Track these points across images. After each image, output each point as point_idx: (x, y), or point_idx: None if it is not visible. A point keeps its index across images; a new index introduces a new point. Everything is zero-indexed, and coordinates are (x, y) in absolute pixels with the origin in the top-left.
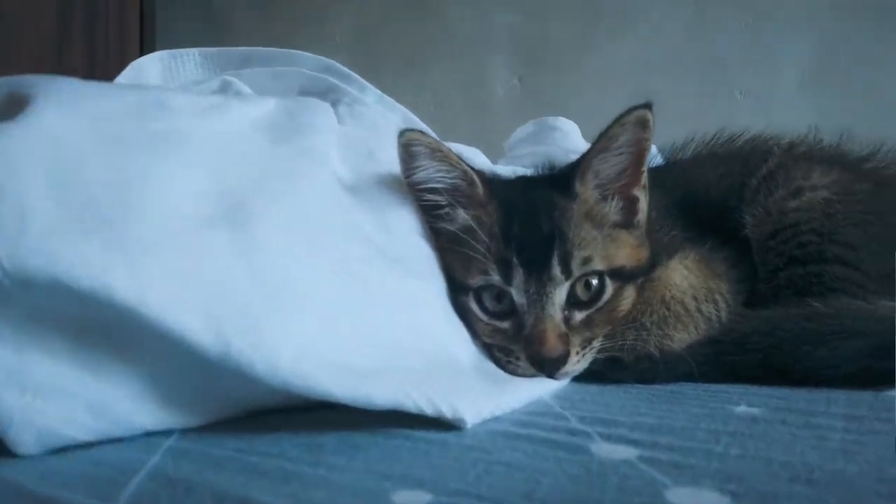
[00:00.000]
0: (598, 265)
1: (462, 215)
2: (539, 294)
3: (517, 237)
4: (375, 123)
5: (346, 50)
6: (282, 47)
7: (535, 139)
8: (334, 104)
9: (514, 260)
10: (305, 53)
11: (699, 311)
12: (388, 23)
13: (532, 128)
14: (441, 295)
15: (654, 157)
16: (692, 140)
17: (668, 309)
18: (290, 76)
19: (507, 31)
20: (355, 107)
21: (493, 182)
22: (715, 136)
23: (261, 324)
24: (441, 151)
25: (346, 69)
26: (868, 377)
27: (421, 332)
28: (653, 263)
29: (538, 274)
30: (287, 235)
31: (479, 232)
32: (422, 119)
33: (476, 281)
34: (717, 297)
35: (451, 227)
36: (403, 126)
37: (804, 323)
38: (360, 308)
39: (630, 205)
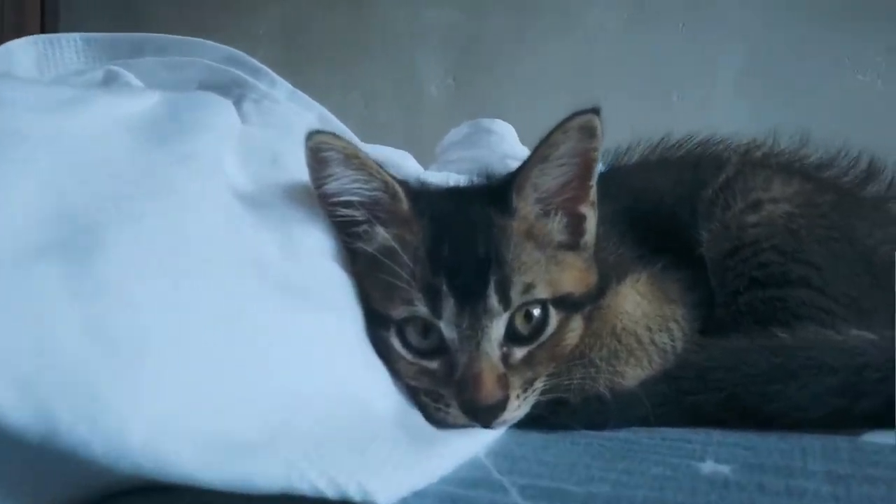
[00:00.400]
0: (542, 293)
1: (382, 234)
2: (473, 328)
3: (447, 260)
4: (287, 123)
5: (271, 44)
6: (200, 37)
7: (468, 143)
8: (239, 100)
9: (444, 287)
10: (207, 42)
11: (653, 342)
12: (316, 16)
13: (466, 130)
14: (356, 330)
15: None
16: (638, 144)
17: (620, 342)
18: (189, 67)
19: (440, 27)
20: (263, 103)
21: (420, 195)
22: (662, 139)
23: (101, 391)
24: (357, 158)
25: (254, 61)
26: (840, 419)
27: (327, 381)
28: (602, 288)
29: (472, 304)
30: (146, 269)
31: (402, 254)
32: (350, 119)
33: (398, 312)
34: (672, 324)
35: (368, 248)
36: (318, 127)
37: (771, 357)
38: (244, 360)
39: (576, 222)
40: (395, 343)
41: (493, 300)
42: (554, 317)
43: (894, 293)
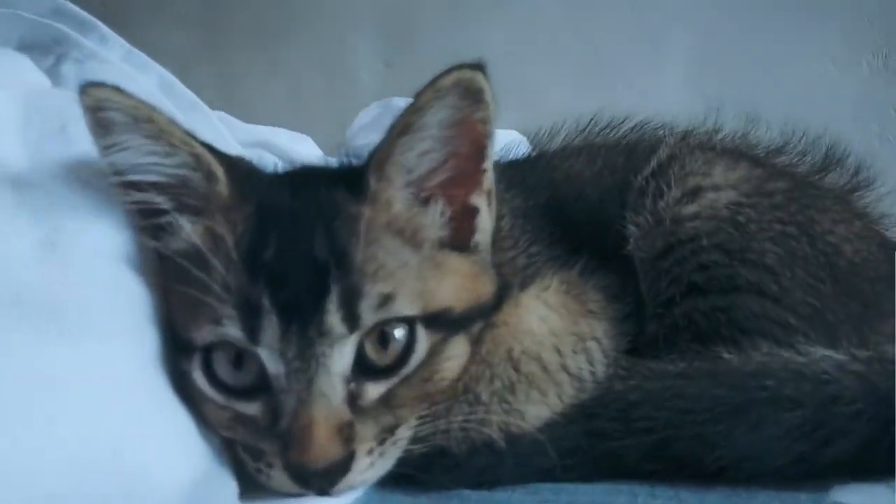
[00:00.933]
0: (407, 307)
1: (187, 228)
2: (304, 358)
3: (271, 264)
4: None
5: (190, 22)
6: (113, 17)
7: (378, 125)
8: (59, 60)
9: (264, 301)
10: None
11: (564, 368)
12: None
13: (376, 111)
14: (142, 364)
15: (518, 145)
16: (562, 127)
17: (518, 370)
18: (4, 22)
19: (372, 8)
20: (87, 64)
21: (250, 176)
22: (591, 122)
23: None
24: (152, 122)
25: (84, 14)
26: (803, 470)
27: (74, 443)
28: (499, 299)
29: (303, 324)
30: None
31: (210, 255)
32: (273, 105)
33: (203, 335)
34: (591, 344)
35: (170, 247)
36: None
37: (714, 387)
38: None
39: (465, 216)
40: (199, 378)
41: (335, 318)
42: (424, 340)
43: (863, 302)
